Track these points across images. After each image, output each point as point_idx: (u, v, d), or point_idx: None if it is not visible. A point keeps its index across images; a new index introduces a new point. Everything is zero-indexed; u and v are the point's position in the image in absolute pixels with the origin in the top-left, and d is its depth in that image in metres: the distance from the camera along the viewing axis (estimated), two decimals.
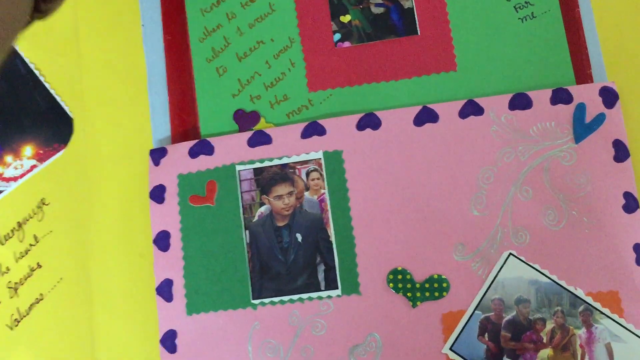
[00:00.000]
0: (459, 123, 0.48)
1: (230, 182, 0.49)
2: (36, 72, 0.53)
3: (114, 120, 0.52)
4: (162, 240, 0.49)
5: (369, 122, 0.49)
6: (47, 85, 0.53)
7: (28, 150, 0.52)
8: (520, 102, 0.48)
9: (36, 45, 0.53)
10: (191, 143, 0.50)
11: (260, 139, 0.49)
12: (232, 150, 0.49)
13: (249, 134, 0.50)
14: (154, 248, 0.49)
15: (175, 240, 0.49)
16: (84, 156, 0.51)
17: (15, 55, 0.53)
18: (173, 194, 0.49)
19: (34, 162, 0.51)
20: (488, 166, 0.48)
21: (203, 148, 0.50)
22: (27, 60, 0.53)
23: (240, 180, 0.49)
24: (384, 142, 0.49)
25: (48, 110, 0.52)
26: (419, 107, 0.48)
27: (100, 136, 0.52)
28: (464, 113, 0.48)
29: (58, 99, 0.52)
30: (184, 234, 0.49)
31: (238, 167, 0.49)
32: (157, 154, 0.50)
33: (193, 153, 0.50)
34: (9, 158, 0.52)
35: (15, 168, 0.51)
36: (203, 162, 0.49)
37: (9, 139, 0.52)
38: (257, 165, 0.49)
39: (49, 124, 0.52)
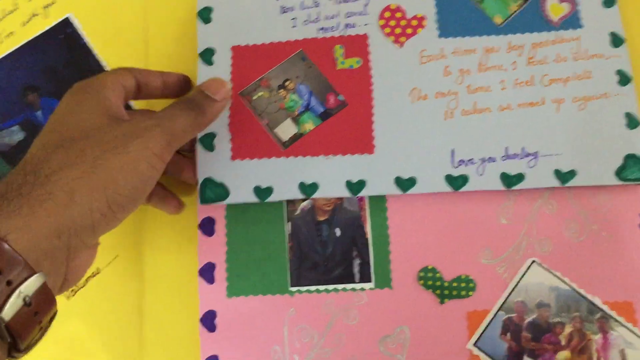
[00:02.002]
0: None
1: None
2: (107, 68, 0.57)
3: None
4: (207, 226, 0.51)
5: None
6: None
7: None
8: None
9: (108, 46, 0.58)
10: None
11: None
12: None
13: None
14: (199, 233, 0.51)
15: (220, 227, 0.51)
16: None
17: (89, 54, 0.57)
18: None
19: None
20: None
21: None
22: (99, 58, 0.57)
23: None
24: None
25: None
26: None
27: None
28: None
29: None
30: (228, 221, 0.51)
31: None
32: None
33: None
34: None
35: None
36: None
37: None
38: None
39: None
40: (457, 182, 0.50)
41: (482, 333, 0.48)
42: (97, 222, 0.38)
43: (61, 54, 0.58)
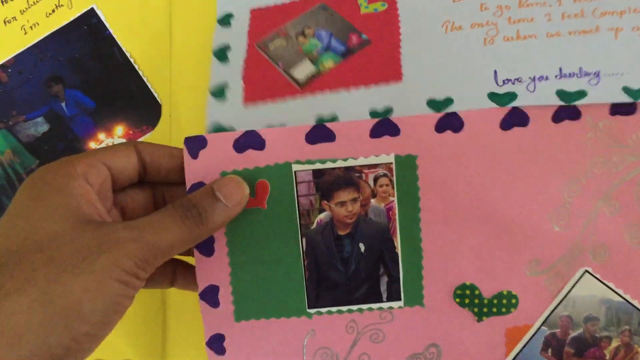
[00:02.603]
0: (551, 128, 0.41)
1: (285, 184, 0.42)
2: (131, 59, 0.57)
3: (196, 108, 0.53)
4: (204, 245, 0.43)
5: (450, 123, 0.41)
6: (140, 72, 0.56)
7: (119, 130, 0.56)
8: (624, 107, 0.42)
9: (133, 37, 0.57)
10: (236, 134, 0.42)
11: (321, 135, 0.41)
12: (287, 145, 0.41)
13: (307, 127, 0.42)
14: (196, 253, 0.43)
15: (220, 246, 0.43)
16: (169, 138, 0.55)
17: (114, 45, 0.56)
18: None
19: (123, 140, 0.56)
20: (576, 177, 0.42)
21: (251, 140, 0.42)
22: (124, 49, 0.56)
23: (297, 183, 0.42)
24: (465, 147, 0.41)
25: (139, 96, 0.56)
26: (508, 108, 0.41)
27: (184, 121, 0.54)
28: (558, 117, 0.41)
29: (149, 86, 0.56)
30: (229, 238, 0.43)
31: (294, 167, 0.41)
32: (194, 144, 0.42)
33: (239, 146, 0.42)
34: (101, 136, 0.56)
35: (107, 145, 0.55)
36: (252, 158, 0.42)
37: (103, 119, 0.56)
38: (318, 166, 0.41)
39: (140, 108, 0.56)
40: (503, 99, 0.42)
41: (520, 350, 0.44)
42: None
43: (86, 45, 0.57)
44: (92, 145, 0.56)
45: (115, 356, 0.53)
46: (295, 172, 0.42)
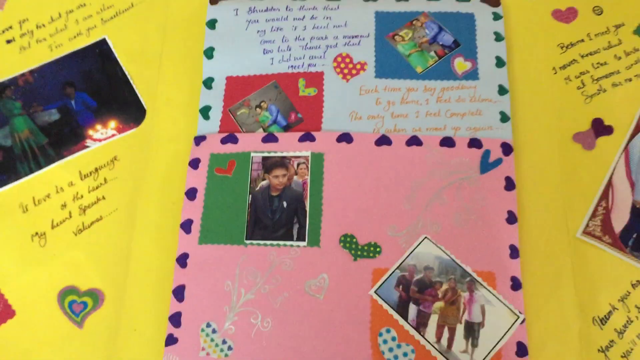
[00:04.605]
0: (405, 148, 0.68)
1: (245, 163, 0.68)
2: (129, 76, 0.76)
3: (174, 116, 0.73)
4: (191, 193, 0.68)
5: (345, 137, 0.69)
6: (133, 86, 0.75)
7: (112, 123, 0.73)
8: (448, 142, 0.69)
9: (132, 61, 0.77)
10: (223, 134, 0.70)
11: (270, 138, 0.70)
12: (250, 143, 0.69)
13: (263, 134, 0.71)
14: (185, 198, 0.68)
15: (200, 194, 0.67)
16: (149, 135, 0.73)
17: (117, 65, 0.76)
18: (205, 165, 0.68)
19: (114, 132, 0.72)
20: (421, 179, 0.67)
21: (231, 139, 0.70)
22: (124, 69, 0.76)
23: (252, 162, 0.69)
24: (353, 152, 0.68)
25: (131, 102, 0.74)
26: (379, 135, 0.69)
27: (163, 123, 0.73)
28: (409, 142, 0.69)
29: (139, 96, 0.74)
30: (207, 191, 0.68)
31: (252, 154, 0.69)
32: (199, 139, 0.70)
33: (223, 141, 0.69)
34: (98, 126, 0.73)
35: (101, 134, 0.72)
36: (229, 148, 0.69)
37: (102, 115, 0.74)
38: (265, 154, 0.69)
39: (130, 110, 0.74)
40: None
41: (381, 284, 0.63)
42: None
43: (96, 63, 0.76)
44: (90, 132, 0.72)
45: (85, 283, 0.66)
46: (252, 156, 0.68)
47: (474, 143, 0.68)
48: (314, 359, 0.62)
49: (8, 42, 0.75)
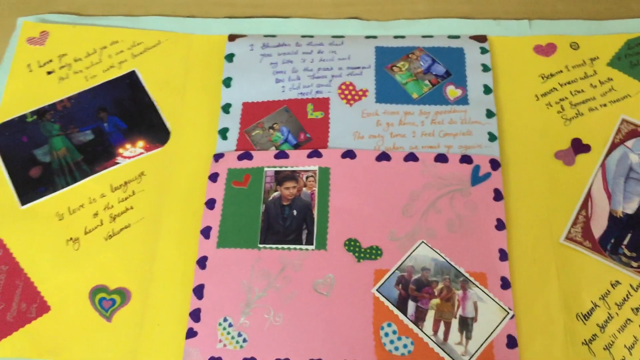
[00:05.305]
0: (403, 163, 0.75)
1: (259, 177, 0.75)
2: (156, 104, 0.83)
3: (195, 137, 0.80)
4: (210, 203, 0.74)
5: (349, 154, 0.76)
6: (159, 111, 0.82)
7: (140, 143, 0.80)
8: (442, 158, 0.76)
9: (158, 90, 0.84)
10: (240, 152, 0.77)
11: (282, 155, 0.77)
12: (263, 159, 0.76)
13: (275, 151, 0.78)
14: (204, 208, 0.74)
15: (219, 204, 0.74)
16: (173, 153, 0.79)
17: (145, 94, 0.83)
18: (223, 178, 0.75)
19: (142, 150, 0.79)
20: (417, 190, 0.74)
21: (246, 156, 0.77)
22: (151, 97, 0.83)
23: (265, 176, 0.75)
24: (356, 167, 0.75)
25: (157, 125, 0.81)
26: (380, 152, 0.76)
27: (185, 143, 0.80)
28: (407, 158, 0.75)
29: (164, 119, 0.82)
30: (225, 201, 0.74)
31: (265, 169, 0.76)
32: (218, 156, 0.77)
33: (240, 157, 0.76)
34: (128, 146, 0.80)
35: (130, 152, 0.79)
36: (245, 164, 0.76)
37: (131, 135, 0.81)
38: (277, 169, 0.76)
39: (156, 132, 0.81)
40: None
41: (382, 283, 0.69)
42: None
43: (126, 91, 0.84)
44: (121, 151, 0.79)
45: (114, 282, 0.72)
46: (265, 171, 0.75)
47: (465, 159, 0.75)
48: (321, 351, 0.67)
49: (49, 73, 0.83)
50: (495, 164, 0.74)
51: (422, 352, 0.66)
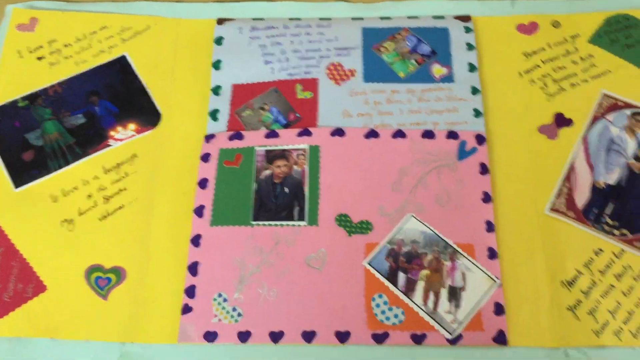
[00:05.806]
0: (391, 140, 0.76)
1: (250, 156, 0.76)
2: (146, 87, 0.83)
3: (186, 118, 0.80)
4: (203, 183, 0.75)
5: (338, 132, 0.77)
6: (150, 94, 0.83)
7: (131, 126, 0.81)
8: (429, 134, 0.78)
9: (148, 73, 0.84)
10: (231, 132, 0.78)
11: (272, 135, 0.78)
12: (254, 139, 0.77)
13: (266, 131, 0.79)
14: (197, 187, 0.75)
15: (211, 184, 0.75)
16: (164, 135, 0.80)
17: (135, 78, 0.84)
18: (214, 158, 0.76)
19: (133, 133, 0.80)
20: (406, 166, 0.75)
21: (237, 136, 0.78)
22: (141, 80, 0.83)
23: (256, 155, 0.76)
24: (345, 144, 0.76)
25: (148, 108, 0.82)
26: (368, 128, 0.77)
27: (176, 125, 0.80)
28: (395, 135, 0.77)
29: (155, 102, 0.82)
30: (217, 180, 0.75)
31: (256, 148, 0.77)
32: (209, 137, 0.78)
33: (231, 138, 0.77)
34: (119, 128, 0.80)
35: (122, 134, 0.79)
36: (236, 144, 0.77)
37: (123, 118, 0.81)
38: (268, 148, 0.77)
39: (147, 115, 0.81)
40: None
41: (373, 256, 0.70)
42: None
43: (117, 76, 0.85)
44: (112, 133, 0.80)
45: (109, 262, 0.73)
46: (256, 150, 0.76)
47: (452, 135, 0.76)
48: (315, 323, 0.68)
49: (39, 59, 0.83)
50: (480, 139, 0.76)
51: (412, 321, 0.68)
